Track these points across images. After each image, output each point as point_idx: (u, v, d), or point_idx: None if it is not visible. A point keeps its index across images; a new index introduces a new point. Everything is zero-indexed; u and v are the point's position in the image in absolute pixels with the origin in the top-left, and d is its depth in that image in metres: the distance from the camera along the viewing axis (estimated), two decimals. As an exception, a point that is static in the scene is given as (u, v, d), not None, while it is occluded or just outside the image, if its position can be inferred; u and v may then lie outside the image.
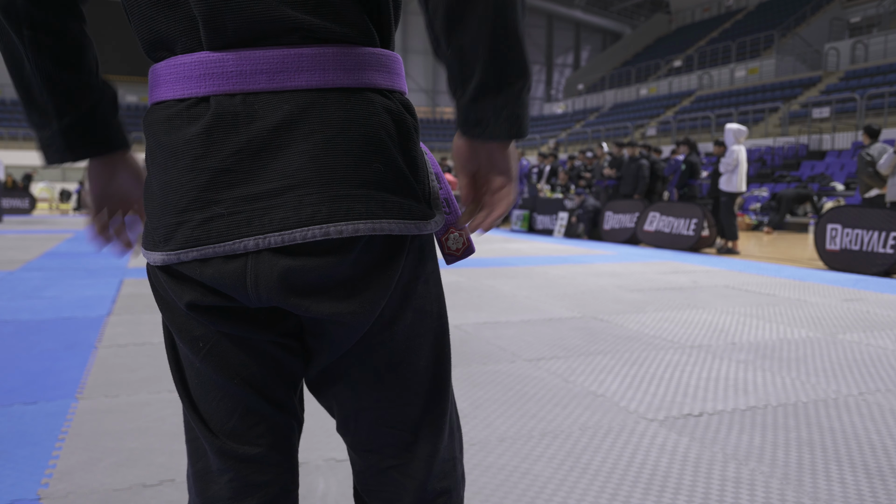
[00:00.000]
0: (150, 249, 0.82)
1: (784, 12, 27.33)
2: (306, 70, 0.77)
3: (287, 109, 0.76)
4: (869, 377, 3.16)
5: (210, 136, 0.76)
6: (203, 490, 0.89)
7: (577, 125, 29.61)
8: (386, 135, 0.79)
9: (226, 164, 0.75)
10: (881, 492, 1.98)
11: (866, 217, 7.13)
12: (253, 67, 0.76)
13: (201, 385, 0.86)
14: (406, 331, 0.86)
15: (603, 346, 3.73)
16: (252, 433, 0.86)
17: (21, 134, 30.45)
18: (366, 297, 0.80)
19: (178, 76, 0.78)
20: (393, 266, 0.81)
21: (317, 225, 0.75)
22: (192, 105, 0.77)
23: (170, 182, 0.78)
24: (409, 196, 0.81)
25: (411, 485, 0.90)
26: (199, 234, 0.76)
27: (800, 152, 16.99)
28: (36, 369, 3.16)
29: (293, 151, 0.75)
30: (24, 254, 8.04)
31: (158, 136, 0.79)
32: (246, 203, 0.75)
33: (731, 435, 2.42)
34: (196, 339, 0.84)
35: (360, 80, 0.79)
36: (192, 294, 0.80)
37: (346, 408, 0.90)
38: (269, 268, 0.76)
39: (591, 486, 2.00)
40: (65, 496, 1.90)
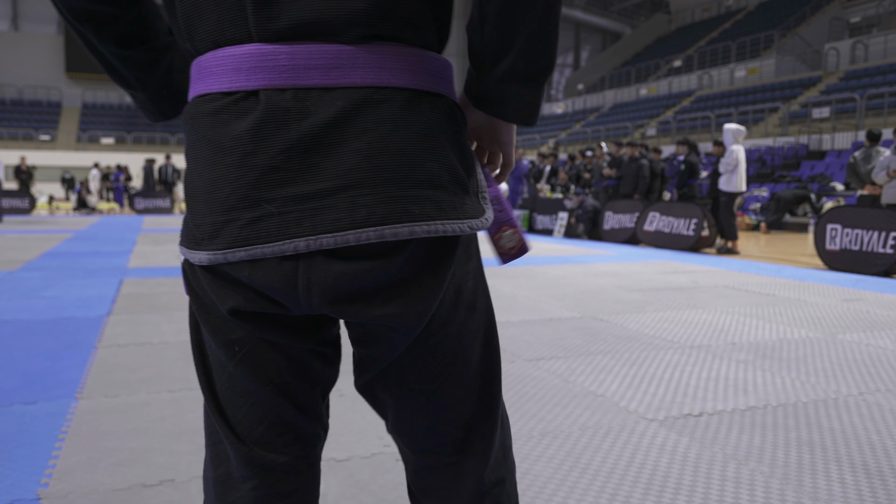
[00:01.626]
0: (192, 248, 0.78)
1: (784, 12, 27.33)
2: (361, 67, 0.74)
3: (340, 106, 0.73)
4: (869, 377, 3.16)
5: (260, 132, 0.73)
6: (223, 496, 0.87)
7: (577, 125, 29.61)
8: (439, 135, 0.78)
9: (275, 161, 0.73)
10: (881, 492, 1.98)
11: (866, 217, 7.13)
12: (306, 62, 0.74)
13: (232, 390, 0.84)
14: (459, 329, 0.85)
15: (603, 346, 3.73)
16: (280, 441, 0.85)
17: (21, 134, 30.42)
18: (418, 298, 0.78)
19: (225, 68, 0.75)
20: (444, 265, 0.79)
21: (372, 227, 0.73)
22: (241, 99, 0.74)
23: (216, 179, 0.75)
24: (462, 196, 0.79)
25: (469, 479, 0.90)
26: (247, 233, 0.73)
27: (800, 152, 16.99)
28: (36, 369, 3.16)
29: (346, 150, 0.73)
30: (24, 254, 8.04)
31: (203, 130, 0.77)
32: (296, 203, 0.73)
33: (731, 435, 2.42)
34: (232, 343, 0.81)
35: (414, 82, 0.77)
36: (236, 299, 0.77)
37: (402, 410, 0.88)
38: (322, 271, 0.74)
39: (591, 486, 2.00)
40: (64, 496, 1.90)
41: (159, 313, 4.52)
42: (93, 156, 29.39)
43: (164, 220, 15.48)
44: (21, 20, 35.31)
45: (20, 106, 33.60)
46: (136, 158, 29.59)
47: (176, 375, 3.08)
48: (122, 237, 10.72)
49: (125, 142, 32.44)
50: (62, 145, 31.29)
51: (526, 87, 0.82)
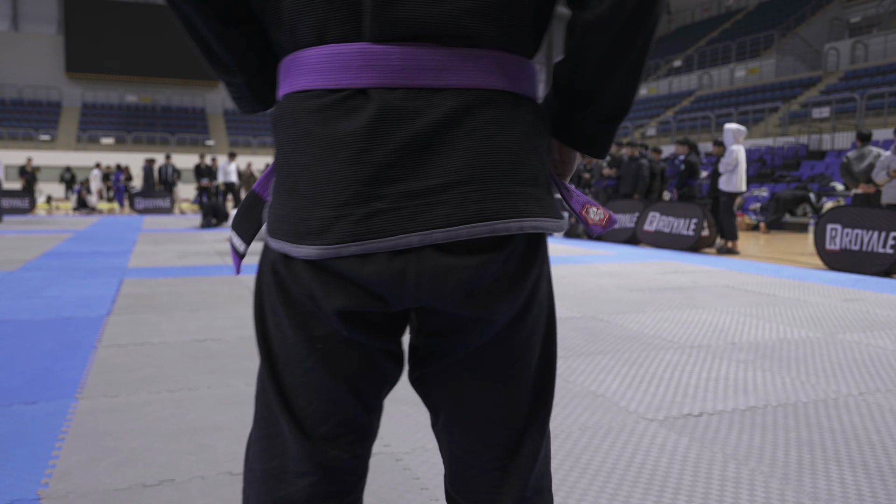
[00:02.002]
0: (295, 242, 0.78)
1: (784, 12, 27.32)
2: (469, 71, 0.77)
3: (451, 106, 0.76)
4: (869, 377, 3.16)
5: (374, 129, 0.74)
6: (273, 490, 0.87)
7: (576, 125, 29.56)
8: (536, 137, 0.82)
9: (389, 159, 0.74)
10: (881, 492, 1.98)
11: (866, 217, 7.13)
12: (418, 63, 0.75)
13: (305, 385, 0.84)
14: (529, 328, 0.86)
15: (603, 346, 3.73)
16: (345, 440, 0.86)
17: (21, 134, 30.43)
18: (512, 294, 0.81)
19: (332, 65, 0.76)
20: (532, 263, 0.82)
21: (484, 222, 0.75)
22: (349, 97, 0.76)
23: (327, 175, 0.76)
24: (551, 194, 0.84)
25: (515, 483, 0.89)
26: (360, 229, 0.74)
27: (800, 152, 16.99)
28: (36, 369, 3.16)
29: (456, 148, 0.76)
30: (24, 254, 8.04)
31: (308, 126, 0.77)
32: (409, 199, 0.75)
33: (731, 435, 2.42)
34: (315, 340, 0.82)
35: (514, 86, 0.80)
36: (343, 299, 0.78)
37: (460, 404, 0.89)
38: (432, 265, 0.76)
39: (591, 486, 2.00)
40: (64, 496, 1.90)
41: (159, 313, 4.52)
42: (93, 156, 29.40)
43: (164, 220, 15.49)
44: (21, 20, 35.31)
45: (20, 106, 33.60)
46: (136, 158, 29.58)
47: (176, 375, 3.08)
48: (122, 237, 10.72)
49: (125, 142, 32.44)
50: (62, 145, 31.29)
51: (606, 125, 0.88)
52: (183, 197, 25.42)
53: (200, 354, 3.46)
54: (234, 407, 2.67)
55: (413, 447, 2.28)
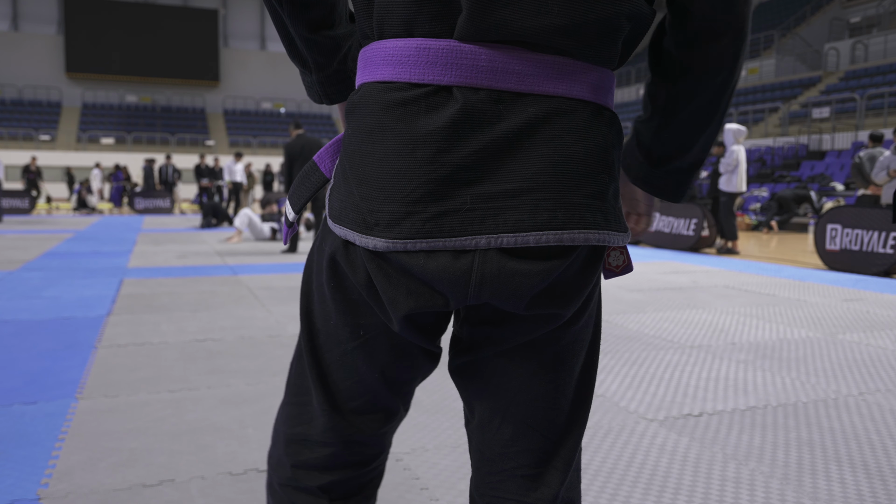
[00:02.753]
0: (362, 232, 0.78)
1: (784, 12, 27.32)
2: (554, 78, 0.77)
3: (532, 112, 0.76)
4: (869, 377, 3.16)
5: (455, 130, 0.75)
6: (296, 454, 0.92)
7: (576, 125, 29.58)
8: (611, 149, 0.82)
9: (467, 161, 0.75)
10: (881, 492, 1.98)
11: (866, 217, 7.13)
12: (504, 66, 0.76)
13: (342, 365, 0.88)
14: (576, 332, 0.87)
15: (603, 346, 3.73)
16: (371, 418, 0.90)
17: (21, 134, 30.43)
18: (569, 299, 0.82)
19: (419, 59, 0.76)
20: (593, 271, 0.83)
21: (552, 230, 0.76)
22: (432, 93, 0.76)
23: (404, 170, 0.76)
24: (617, 208, 0.84)
25: (545, 493, 0.88)
26: (430, 226, 0.75)
27: (800, 152, 16.99)
28: (36, 369, 3.16)
29: (533, 155, 0.76)
30: (24, 254, 8.03)
31: (386, 119, 0.78)
32: (481, 201, 0.75)
33: (731, 435, 2.42)
34: (359, 327, 0.85)
35: (596, 97, 0.81)
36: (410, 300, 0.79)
37: (500, 399, 0.88)
38: (496, 268, 0.76)
39: (591, 486, 2.00)
40: (64, 496, 1.90)
41: (159, 313, 4.52)
42: (93, 156, 29.40)
43: (164, 220, 15.48)
44: (21, 20, 35.31)
45: (20, 106, 33.60)
46: (136, 158, 29.59)
47: (176, 375, 3.08)
48: (122, 237, 10.72)
49: (125, 142, 32.44)
50: (62, 145, 31.29)
51: (685, 175, 0.92)
52: (183, 197, 25.42)
53: (200, 354, 3.46)
54: (234, 407, 2.67)
55: (413, 447, 2.28)
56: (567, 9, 0.75)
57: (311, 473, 0.91)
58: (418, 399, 2.77)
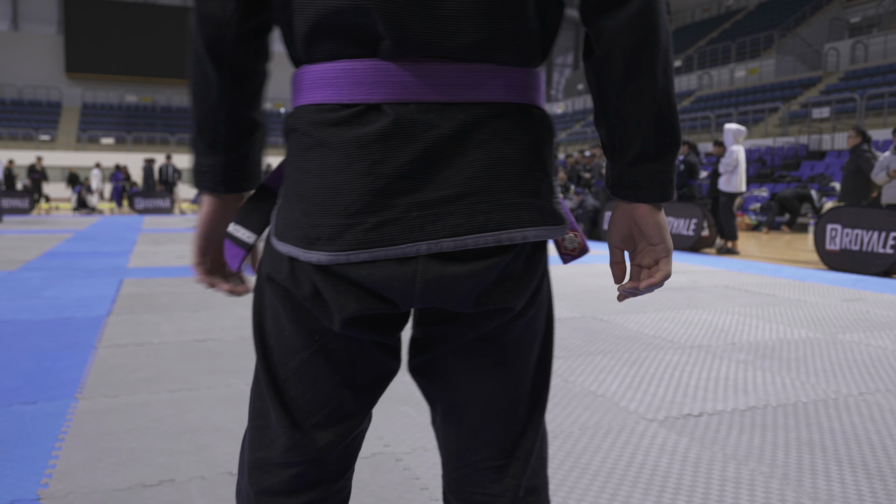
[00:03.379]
0: (304, 247, 0.80)
1: (784, 12, 27.32)
2: (479, 86, 0.80)
3: (461, 120, 0.79)
4: (869, 377, 3.16)
5: (388, 142, 0.77)
6: (258, 481, 0.90)
7: (577, 125, 29.61)
8: (541, 146, 0.84)
9: (402, 170, 0.77)
10: (881, 492, 1.98)
11: (866, 217, 7.13)
12: (431, 80, 0.78)
13: (299, 377, 0.87)
14: (526, 324, 0.88)
15: (603, 346, 3.73)
16: (333, 430, 0.88)
17: (21, 134, 30.43)
18: (517, 292, 0.84)
19: (346, 81, 0.79)
20: (537, 265, 0.85)
21: (489, 232, 0.79)
22: (363, 111, 0.78)
23: (341, 183, 0.78)
24: (553, 203, 0.86)
25: (510, 484, 0.91)
26: (371, 237, 0.77)
27: (799, 152, 16.99)
28: (36, 369, 3.16)
29: (466, 160, 0.79)
30: (24, 254, 8.03)
31: (321, 136, 0.80)
32: (419, 209, 0.78)
33: (731, 435, 2.42)
34: (313, 333, 0.85)
35: (524, 98, 0.83)
36: (356, 304, 0.80)
37: (458, 397, 0.90)
38: (438, 272, 0.79)
39: (591, 486, 2.00)
40: (64, 496, 1.90)
41: (159, 313, 4.52)
42: (93, 156, 29.39)
43: (164, 220, 15.48)
44: (21, 20, 35.31)
45: (20, 106, 33.59)
46: (136, 158, 29.56)
47: (176, 375, 3.08)
48: (122, 237, 10.72)
49: (125, 142, 32.43)
50: (62, 145, 31.29)
51: (656, 164, 0.86)
52: (183, 197, 25.42)
53: (200, 354, 3.46)
54: (234, 407, 2.67)
55: (413, 447, 2.28)
56: (479, 25, 0.77)
57: (276, 499, 0.89)
58: (418, 399, 2.77)
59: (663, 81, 0.83)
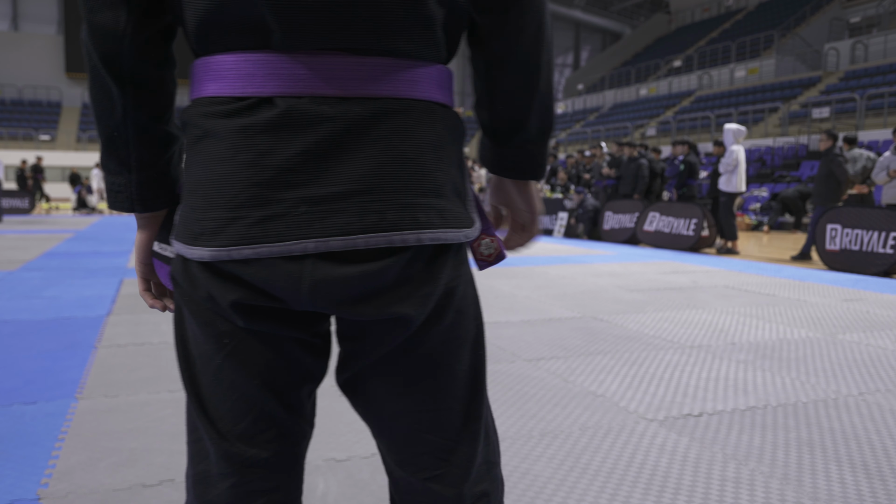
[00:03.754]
0: (189, 243, 0.77)
1: (784, 12, 27.32)
2: (378, 80, 0.76)
3: (357, 113, 0.75)
4: (869, 377, 3.16)
5: (277, 133, 0.74)
6: (202, 494, 0.87)
7: (577, 125, 29.61)
8: (446, 146, 0.81)
9: (290, 163, 0.73)
10: (881, 492, 1.98)
11: (866, 217, 7.13)
12: (326, 73, 0.75)
13: (217, 384, 0.83)
14: (445, 333, 0.85)
15: (603, 346, 3.73)
16: (262, 437, 0.84)
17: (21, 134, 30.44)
18: (416, 298, 0.80)
19: (239, 73, 0.75)
20: (440, 268, 0.81)
21: (382, 232, 0.75)
22: (255, 104, 0.75)
23: (225, 175, 0.75)
24: (459, 204, 0.83)
25: (449, 493, 0.88)
26: (255, 232, 0.73)
27: (799, 152, 16.98)
28: (36, 369, 3.16)
29: (360, 156, 0.75)
30: (24, 254, 8.03)
31: (211, 127, 0.76)
32: (307, 205, 0.74)
33: (731, 435, 2.42)
34: (221, 336, 0.81)
35: (426, 94, 0.80)
36: (238, 293, 0.77)
37: (382, 412, 0.88)
38: (327, 273, 0.75)
39: (591, 486, 2.00)
40: (64, 496, 1.90)
41: (159, 313, 4.51)
42: (93, 156, 29.38)
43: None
44: (21, 20, 35.31)
45: (20, 106, 33.60)
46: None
47: (176, 375, 3.08)
48: (122, 237, 10.72)
49: (125, 142, 32.37)
50: (62, 145, 31.29)
51: (537, 147, 0.91)
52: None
53: (200, 354, 3.46)
54: (234, 407, 2.67)
55: (413, 447, 2.27)
56: (374, 15, 0.74)
57: None
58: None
59: (547, 71, 0.87)
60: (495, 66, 0.85)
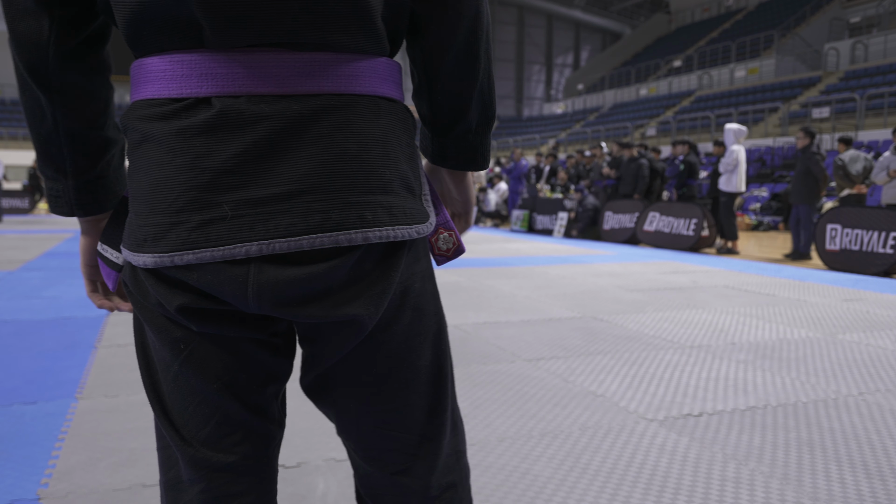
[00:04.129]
0: (134, 250, 0.76)
1: (784, 12, 27.33)
2: (317, 76, 0.74)
3: (296, 111, 0.73)
4: (869, 377, 3.16)
5: (213, 135, 0.72)
6: (174, 500, 0.86)
7: (576, 125, 29.61)
8: (393, 141, 0.79)
9: (228, 165, 0.72)
10: (881, 492, 1.98)
11: (866, 217, 7.13)
12: (262, 71, 0.73)
13: (177, 390, 0.82)
14: (405, 330, 0.84)
15: (603, 346, 3.73)
16: (228, 441, 0.83)
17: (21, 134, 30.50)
18: (368, 298, 0.78)
19: (174, 74, 0.73)
20: (393, 266, 0.80)
21: (326, 233, 0.73)
22: (192, 105, 0.73)
23: (164, 179, 0.73)
24: (411, 200, 0.81)
25: (417, 485, 0.89)
26: (196, 236, 0.72)
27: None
28: (36, 369, 3.16)
29: (301, 155, 0.73)
30: (24, 254, 8.03)
31: (149, 131, 0.75)
32: (249, 207, 0.72)
33: (731, 435, 2.42)
34: (177, 342, 0.79)
35: (369, 88, 0.78)
36: (184, 297, 0.76)
37: (348, 412, 0.87)
38: (273, 276, 0.73)
39: (591, 486, 2.00)
40: (64, 496, 1.90)
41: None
42: (93, 156, 29.37)
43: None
44: (21, 20, 35.31)
45: (20, 106, 33.59)
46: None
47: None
48: (122, 237, 10.71)
49: (125, 142, 32.42)
50: (62, 145, 31.29)
51: (478, 137, 0.91)
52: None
53: (200, 354, 3.46)
54: (234, 407, 2.67)
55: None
56: (308, 9, 0.72)
57: None
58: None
59: (485, 62, 0.86)
60: (435, 55, 0.84)
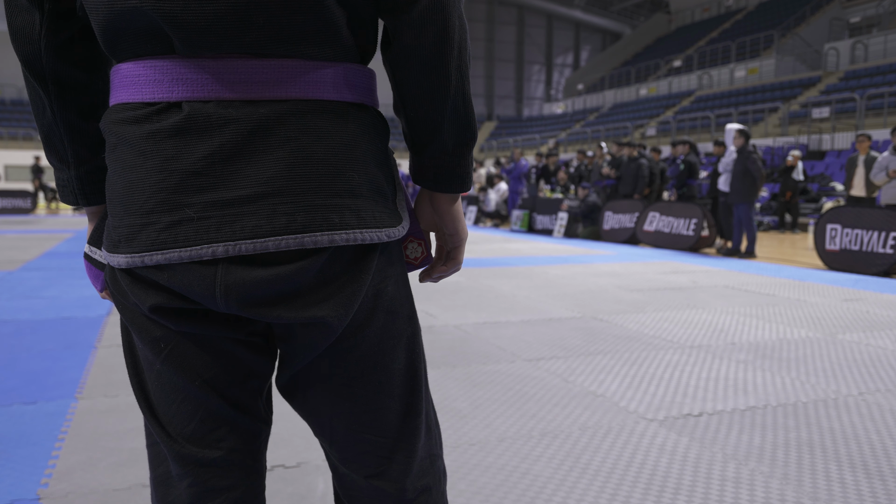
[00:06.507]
0: (110, 251, 0.79)
1: (784, 12, 27.33)
2: (284, 82, 0.76)
3: (263, 115, 0.75)
4: (869, 377, 3.16)
5: (182, 138, 0.74)
6: (163, 496, 0.88)
7: (576, 125, 29.61)
8: (362, 145, 0.80)
9: (197, 167, 0.74)
10: (881, 492, 1.98)
11: (866, 217, 7.13)
12: (230, 77, 0.75)
13: (161, 388, 0.84)
14: (378, 333, 0.85)
15: (603, 346, 3.73)
16: (212, 437, 0.85)
17: (21, 134, 30.49)
18: (338, 300, 0.79)
19: (148, 79, 0.76)
20: (364, 269, 0.81)
21: (291, 235, 0.74)
22: (163, 109, 0.75)
23: (136, 181, 0.76)
24: (381, 204, 0.82)
25: (391, 488, 0.89)
26: (165, 237, 0.74)
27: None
28: (36, 369, 3.16)
29: (268, 158, 0.75)
30: (24, 254, 8.03)
31: (122, 134, 0.77)
32: (216, 208, 0.74)
33: (731, 435, 2.42)
34: (157, 341, 0.81)
35: (339, 94, 0.79)
36: (157, 297, 0.78)
37: (321, 414, 0.88)
38: (240, 277, 0.75)
39: (591, 486, 2.00)
40: (64, 496, 1.90)
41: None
42: (93, 156, 29.38)
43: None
44: (21, 20, 35.32)
45: (20, 106, 33.62)
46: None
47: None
48: (122, 237, 10.71)
49: (125, 142, 32.41)
50: (62, 145, 31.30)
51: (455, 159, 0.88)
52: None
53: (200, 354, 3.46)
54: (234, 407, 2.67)
55: (413, 447, 2.27)
56: (272, 17, 0.73)
57: None
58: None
59: (457, 79, 0.83)
60: (399, 68, 0.82)
